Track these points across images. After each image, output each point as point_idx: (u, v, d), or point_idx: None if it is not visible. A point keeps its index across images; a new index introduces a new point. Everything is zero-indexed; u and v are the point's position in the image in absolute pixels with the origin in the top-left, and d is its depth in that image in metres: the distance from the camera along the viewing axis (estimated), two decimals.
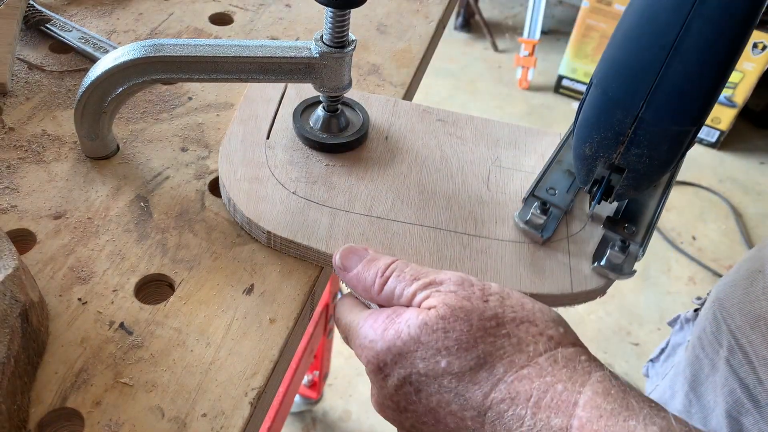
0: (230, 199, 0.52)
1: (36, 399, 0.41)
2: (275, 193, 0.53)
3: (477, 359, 0.38)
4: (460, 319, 0.39)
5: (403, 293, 0.42)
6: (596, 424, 0.35)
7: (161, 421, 0.41)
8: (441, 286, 0.41)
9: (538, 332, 0.39)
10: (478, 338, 0.39)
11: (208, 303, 0.47)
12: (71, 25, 0.68)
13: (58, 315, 0.45)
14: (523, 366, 0.38)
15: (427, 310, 0.40)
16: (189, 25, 0.73)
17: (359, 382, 1.67)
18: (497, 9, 3.17)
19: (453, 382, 0.38)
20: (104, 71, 0.50)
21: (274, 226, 0.51)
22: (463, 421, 0.39)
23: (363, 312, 0.44)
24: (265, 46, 0.51)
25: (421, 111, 0.63)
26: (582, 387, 0.36)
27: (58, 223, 0.51)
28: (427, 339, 0.39)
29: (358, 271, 0.45)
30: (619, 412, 0.35)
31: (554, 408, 0.36)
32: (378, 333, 0.41)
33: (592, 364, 0.38)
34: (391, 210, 0.53)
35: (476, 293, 0.40)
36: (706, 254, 2.09)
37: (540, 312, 0.40)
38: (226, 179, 0.53)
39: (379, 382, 0.42)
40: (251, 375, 0.44)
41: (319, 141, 0.57)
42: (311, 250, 0.50)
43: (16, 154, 0.56)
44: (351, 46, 0.52)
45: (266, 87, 0.62)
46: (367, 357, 0.42)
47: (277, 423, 1.13)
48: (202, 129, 0.61)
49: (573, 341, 0.40)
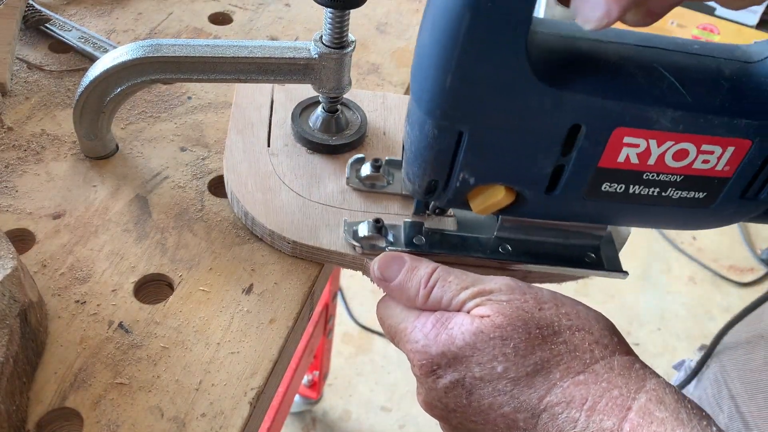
0: (247, 213, 0.51)
1: (35, 399, 0.41)
2: (291, 202, 0.52)
3: (534, 365, 0.39)
4: (517, 327, 0.40)
5: (451, 303, 0.42)
6: (646, 429, 0.36)
7: (160, 421, 0.41)
8: (492, 294, 0.41)
9: (594, 340, 0.40)
10: (536, 345, 0.39)
11: (207, 303, 0.47)
12: (71, 25, 0.68)
13: (57, 315, 0.45)
14: (579, 372, 0.39)
15: (480, 318, 0.40)
16: (188, 24, 0.73)
17: (359, 382, 1.67)
18: None
19: (508, 386, 0.39)
20: (103, 71, 0.50)
21: (299, 236, 0.50)
22: (515, 422, 0.40)
23: (409, 314, 0.44)
24: (265, 46, 0.51)
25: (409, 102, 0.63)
26: (637, 393, 0.37)
27: (57, 223, 0.51)
28: (484, 346, 0.40)
29: (400, 281, 0.44)
30: (670, 422, 0.36)
31: (608, 411, 0.37)
32: (430, 338, 0.41)
33: (646, 372, 0.39)
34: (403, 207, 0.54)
35: (530, 302, 0.41)
36: (706, 254, 2.09)
37: (595, 320, 0.41)
38: (239, 193, 0.52)
39: (429, 384, 0.42)
40: (250, 375, 0.44)
41: (323, 143, 0.56)
42: (337, 254, 0.50)
43: (15, 153, 0.56)
44: (350, 47, 0.52)
45: (254, 93, 0.61)
46: (420, 360, 0.42)
47: (277, 423, 1.13)
48: (202, 129, 0.61)
49: (627, 350, 0.41)
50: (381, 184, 0.54)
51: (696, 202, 0.45)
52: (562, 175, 0.43)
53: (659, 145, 0.41)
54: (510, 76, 0.38)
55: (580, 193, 0.44)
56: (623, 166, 0.42)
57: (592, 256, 0.51)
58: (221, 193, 0.55)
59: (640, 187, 0.43)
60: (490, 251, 0.50)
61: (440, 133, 0.41)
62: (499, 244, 0.50)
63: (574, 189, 0.43)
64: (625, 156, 0.41)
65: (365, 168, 0.54)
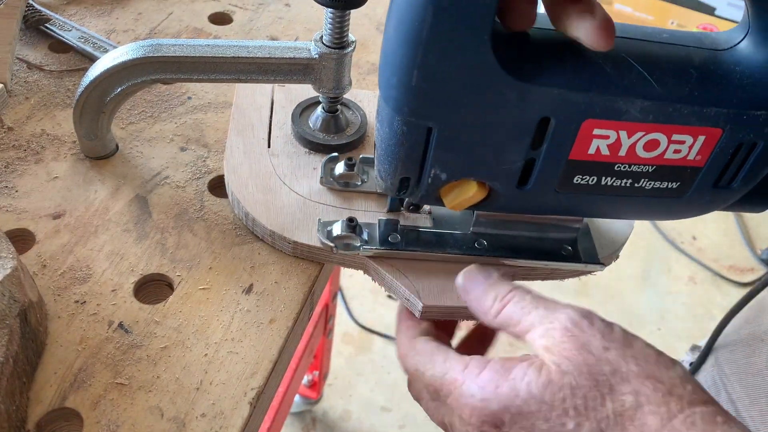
0: (248, 214, 0.51)
1: (35, 399, 0.41)
2: (291, 202, 0.52)
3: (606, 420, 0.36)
4: (584, 374, 0.37)
5: (521, 322, 0.40)
6: None
7: (160, 421, 0.41)
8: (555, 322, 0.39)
9: (667, 391, 0.36)
10: (605, 395, 0.36)
11: (207, 303, 0.47)
12: (71, 25, 0.68)
13: (56, 315, 0.45)
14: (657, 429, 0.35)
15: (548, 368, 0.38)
16: (188, 24, 0.73)
17: (359, 382, 1.67)
18: None
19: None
20: (103, 71, 0.50)
21: (299, 236, 0.50)
22: None
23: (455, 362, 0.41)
24: (265, 46, 0.51)
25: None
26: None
27: (57, 223, 0.51)
28: (551, 398, 0.37)
29: (479, 293, 0.43)
30: None
31: None
32: (488, 390, 0.38)
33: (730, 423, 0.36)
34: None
35: (596, 338, 0.38)
36: (706, 254, 2.09)
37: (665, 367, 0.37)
38: (239, 194, 0.52)
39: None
40: (250, 375, 0.44)
41: (325, 144, 0.56)
42: (339, 254, 0.50)
43: (15, 153, 0.56)
44: (351, 47, 0.52)
45: (254, 93, 0.61)
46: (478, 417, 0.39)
47: (277, 423, 1.13)
48: (202, 129, 0.61)
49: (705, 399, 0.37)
50: (354, 182, 0.54)
51: (669, 192, 0.45)
52: (533, 169, 0.42)
53: (630, 135, 0.41)
54: (476, 71, 0.37)
55: (551, 186, 0.43)
56: (594, 158, 0.42)
57: (569, 248, 0.51)
58: (221, 193, 0.55)
59: (612, 178, 0.43)
60: (466, 247, 0.50)
61: (409, 129, 0.40)
62: (475, 240, 0.50)
63: (545, 182, 0.43)
64: (595, 148, 0.41)
65: (339, 167, 0.54)
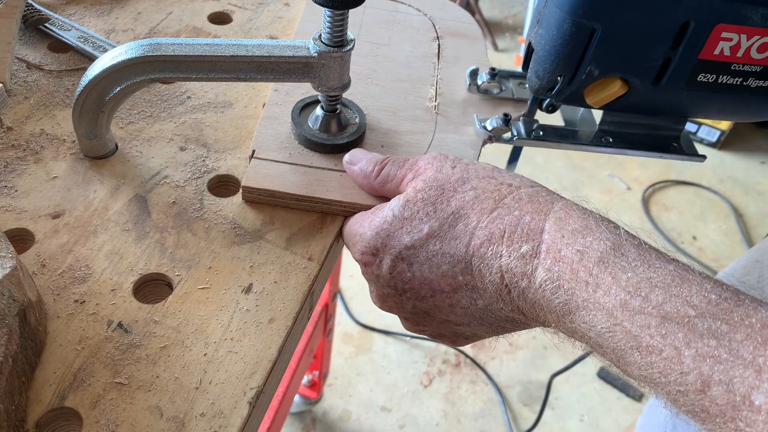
0: None
1: (34, 398, 0.41)
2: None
3: (453, 215, 0.43)
4: (433, 186, 0.45)
5: (396, 175, 0.49)
6: (559, 244, 0.40)
7: (160, 421, 0.41)
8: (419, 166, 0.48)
9: (500, 182, 0.44)
10: (450, 197, 0.44)
11: (206, 302, 0.47)
12: (70, 24, 0.68)
13: (56, 314, 0.45)
14: (492, 209, 0.43)
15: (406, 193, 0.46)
16: (188, 24, 0.73)
17: (359, 382, 1.67)
18: (497, 8, 3.17)
19: (437, 244, 0.44)
20: (102, 70, 0.50)
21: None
22: (455, 278, 0.44)
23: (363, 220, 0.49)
24: (264, 45, 0.51)
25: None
26: (546, 216, 0.41)
27: (57, 223, 0.51)
28: (410, 213, 0.45)
29: (363, 164, 0.52)
30: (579, 231, 0.40)
31: (524, 237, 0.41)
32: (365, 225, 0.47)
33: (553, 196, 0.43)
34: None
35: (447, 163, 0.47)
36: (706, 254, 2.09)
37: (499, 170, 0.46)
38: None
39: (375, 272, 0.47)
40: (250, 374, 0.44)
41: (323, 142, 0.56)
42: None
43: (15, 153, 0.56)
44: (349, 45, 0.52)
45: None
46: (360, 251, 0.47)
47: (277, 423, 1.13)
48: (201, 128, 0.61)
49: (532, 184, 0.45)
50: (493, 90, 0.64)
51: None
52: (669, 67, 0.52)
53: (748, 39, 0.50)
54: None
55: (680, 83, 0.53)
56: (717, 58, 0.51)
57: (675, 145, 0.62)
58: (220, 192, 0.55)
59: (727, 77, 0.53)
60: (596, 141, 0.62)
61: (577, 30, 0.49)
62: (601, 136, 0.62)
63: (676, 80, 0.53)
64: (720, 49, 0.51)
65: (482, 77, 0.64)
